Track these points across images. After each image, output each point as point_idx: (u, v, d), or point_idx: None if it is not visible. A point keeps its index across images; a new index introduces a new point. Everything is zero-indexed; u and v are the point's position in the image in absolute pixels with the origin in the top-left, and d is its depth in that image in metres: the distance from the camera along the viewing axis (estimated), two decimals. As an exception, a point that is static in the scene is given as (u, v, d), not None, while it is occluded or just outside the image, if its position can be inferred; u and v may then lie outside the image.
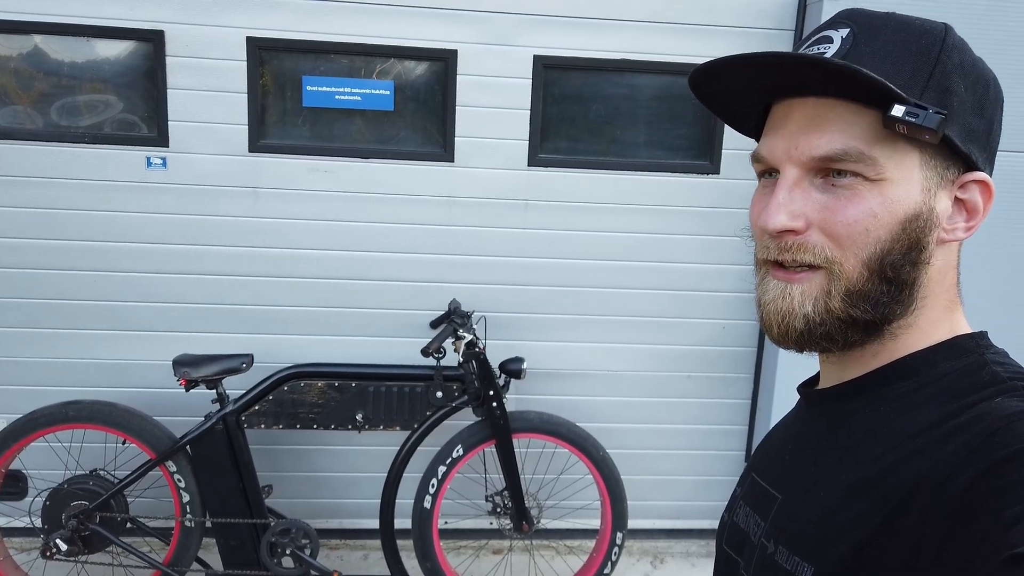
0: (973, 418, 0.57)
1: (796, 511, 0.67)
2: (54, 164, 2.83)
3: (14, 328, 2.92)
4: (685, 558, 3.30)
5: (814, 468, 0.68)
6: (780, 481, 0.73)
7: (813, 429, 0.72)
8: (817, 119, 0.63)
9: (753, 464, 0.82)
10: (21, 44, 2.76)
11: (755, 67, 0.64)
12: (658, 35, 2.93)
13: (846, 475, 0.63)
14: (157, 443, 2.62)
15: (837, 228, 0.62)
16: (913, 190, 0.61)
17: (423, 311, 3.04)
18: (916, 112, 0.57)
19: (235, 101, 2.84)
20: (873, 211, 0.61)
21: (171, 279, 2.95)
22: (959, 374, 0.63)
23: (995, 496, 0.50)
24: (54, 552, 2.55)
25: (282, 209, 2.94)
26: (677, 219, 3.09)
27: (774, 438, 0.82)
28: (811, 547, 0.63)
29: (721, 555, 0.81)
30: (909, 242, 0.62)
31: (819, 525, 0.63)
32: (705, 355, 3.23)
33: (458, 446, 2.73)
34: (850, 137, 0.61)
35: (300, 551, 2.65)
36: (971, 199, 0.64)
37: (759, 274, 0.70)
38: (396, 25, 2.83)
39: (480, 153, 2.97)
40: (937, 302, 0.66)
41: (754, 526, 0.74)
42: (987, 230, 2.91)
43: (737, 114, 0.73)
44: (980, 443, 0.54)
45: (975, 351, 0.65)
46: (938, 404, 0.61)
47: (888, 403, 0.65)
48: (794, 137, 0.64)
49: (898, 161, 0.61)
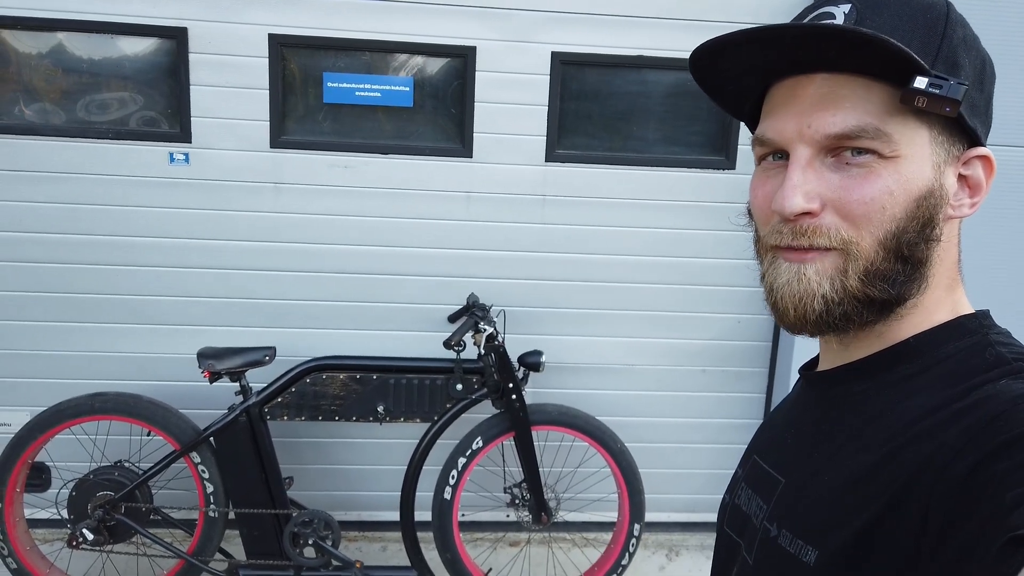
0: (977, 401, 0.57)
1: (800, 495, 0.67)
2: (78, 160, 2.86)
3: (40, 322, 2.96)
4: (700, 550, 3.33)
5: (817, 452, 0.67)
6: (783, 464, 0.72)
7: (815, 412, 0.71)
8: (830, 95, 0.61)
9: (755, 445, 0.82)
10: (46, 41, 2.80)
11: (763, 42, 0.61)
12: (674, 32, 2.96)
13: (850, 460, 0.63)
14: (181, 434, 2.65)
15: (853, 207, 0.60)
16: (925, 167, 0.61)
17: (442, 305, 3.07)
18: (939, 83, 0.56)
19: (257, 97, 2.87)
20: (889, 189, 0.60)
21: (194, 273, 2.98)
22: (962, 355, 0.62)
23: (999, 479, 0.50)
24: (81, 542, 2.59)
25: (303, 204, 2.97)
26: (693, 214, 3.12)
27: (776, 419, 0.81)
28: (815, 531, 0.62)
29: (722, 536, 0.81)
30: (923, 219, 0.61)
31: (823, 509, 0.63)
32: (720, 349, 3.25)
33: (478, 438, 2.76)
34: (865, 113, 0.59)
35: (322, 541, 2.68)
36: (974, 175, 0.64)
37: (765, 260, 0.68)
38: (416, 22, 2.86)
39: (498, 149, 3.00)
40: (941, 280, 0.65)
41: (756, 509, 0.73)
42: (996, 221, 2.93)
43: (731, 97, 0.71)
44: (984, 426, 0.54)
45: (978, 331, 0.64)
46: (941, 386, 0.61)
47: (890, 386, 0.64)
48: (806, 115, 0.61)
49: (910, 137, 0.60)
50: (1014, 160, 2.94)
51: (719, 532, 0.82)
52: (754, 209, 0.69)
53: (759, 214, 0.68)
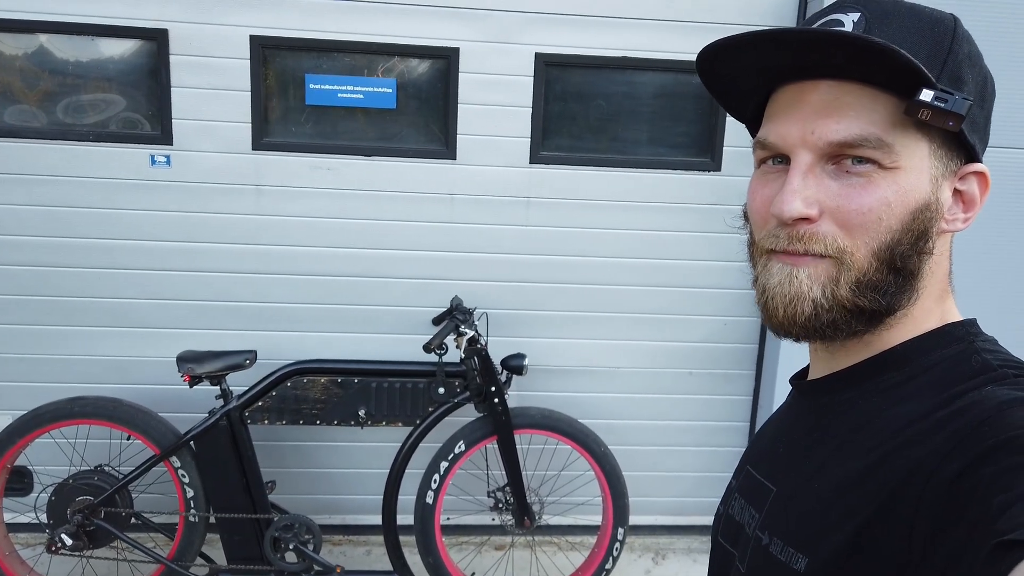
0: (963, 407, 0.58)
1: (790, 503, 0.68)
2: (59, 162, 2.84)
3: (19, 325, 2.95)
4: (687, 554, 3.31)
5: (807, 460, 0.68)
6: (774, 473, 0.73)
7: (805, 421, 0.72)
8: (834, 103, 0.61)
9: (748, 456, 0.82)
10: (26, 43, 2.78)
11: (772, 44, 0.61)
12: (659, 33, 2.94)
13: (839, 467, 0.63)
14: (161, 439, 2.63)
15: (850, 216, 0.61)
16: (923, 179, 0.61)
17: (425, 308, 3.05)
18: (945, 97, 0.56)
19: (238, 99, 2.85)
20: (887, 200, 0.60)
21: (175, 276, 2.97)
22: (949, 362, 0.63)
23: (985, 483, 0.51)
24: (59, 547, 2.57)
25: (285, 207, 2.95)
26: (678, 216, 3.10)
27: (768, 430, 0.82)
28: (805, 538, 0.63)
29: (717, 547, 0.81)
30: (917, 232, 0.62)
31: (813, 517, 0.63)
32: (707, 351, 3.23)
33: (460, 442, 2.74)
34: (868, 123, 0.60)
35: (303, 546, 2.67)
36: (969, 190, 0.64)
37: (759, 263, 0.68)
38: (398, 23, 2.85)
39: (482, 150, 2.98)
40: (931, 292, 0.66)
41: (749, 518, 0.74)
42: (995, 228, 2.90)
43: (736, 100, 0.71)
44: (970, 431, 0.55)
45: (965, 339, 0.65)
46: (928, 393, 0.61)
47: (878, 393, 0.65)
48: (810, 121, 0.61)
49: (911, 150, 0.61)
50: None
51: (713, 543, 0.83)
52: (751, 212, 0.69)
53: (756, 217, 0.68)
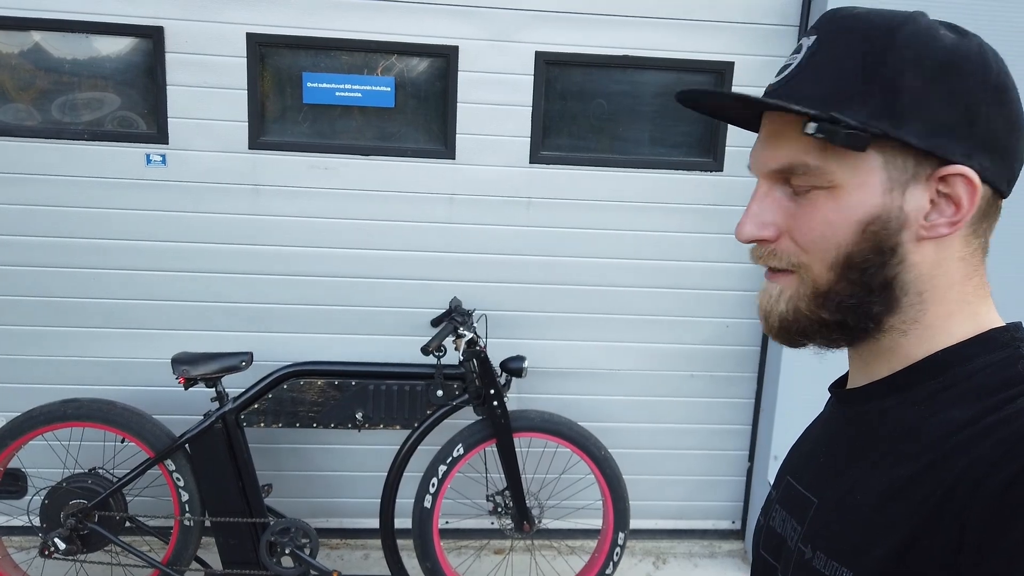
0: (1011, 414, 0.56)
1: (833, 515, 0.66)
2: (53, 161, 2.81)
3: (13, 326, 2.91)
4: (688, 559, 3.28)
5: (849, 471, 0.67)
6: (816, 484, 0.72)
7: (846, 430, 0.71)
8: (774, 134, 0.66)
9: (787, 466, 0.81)
10: (21, 41, 2.75)
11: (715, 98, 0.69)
12: (661, 31, 2.91)
13: (882, 477, 0.62)
14: (156, 441, 2.60)
15: (801, 235, 0.64)
16: (872, 193, 0.61)
17: (424, 309, 3.02)
18: (826, 128, 0.58)
19: (235, 98, 2.82)
20: (828, 218, 0.63)
21: (170, 277, 2.93)
22: (993, 368, 0.61)
23: None
24: (52, 551, 2.54)
25: (282, 206, 2.92)
26: (680, 217, 3.07)
27: (808, 438, 0.81)
28: (849, 551, 0.62)
29: (758, 560, 0.80)
30: (872, 244, 0.62)
31: (857, 529, 0.62)
32: (708, 354, 3.20)
33: (459, 445, 2.71)
34: (797, 151, 0.63)
35: (299, 550, 2.63)
36: (954, 193, 0.61)
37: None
38: (397, 21, 2.81)
39: (482, 150, 2.95)
40: (944, 297, 0.64)
41: (791, 531, 0.72)
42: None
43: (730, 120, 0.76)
44: (1019, 439, 0.54)
45: (1010, 344, 0.63)
46: (972, 401, 0.60)
47: (921, 401, 0.63)
48: (758, 151, 0.67)
49: (852, 166, 0.61)
50: None
51: (755, 556, 0.81)
52: None
53: None
